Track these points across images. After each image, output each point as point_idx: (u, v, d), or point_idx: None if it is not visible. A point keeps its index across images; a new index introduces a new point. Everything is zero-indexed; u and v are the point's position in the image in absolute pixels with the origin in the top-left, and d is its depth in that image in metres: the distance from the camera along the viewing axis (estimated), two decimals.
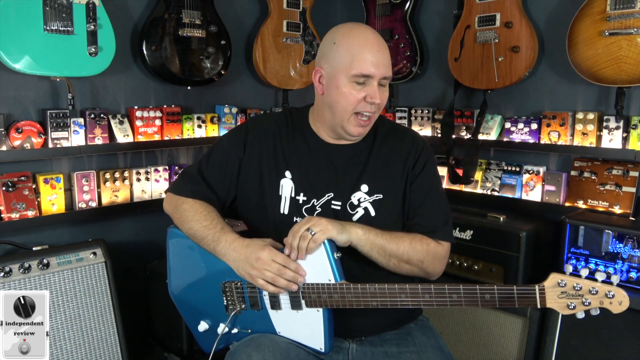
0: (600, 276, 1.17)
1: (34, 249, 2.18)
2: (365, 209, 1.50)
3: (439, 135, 2.78)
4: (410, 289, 1.34)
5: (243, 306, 1.50)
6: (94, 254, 2.22)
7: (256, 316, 1.49)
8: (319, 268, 1.38)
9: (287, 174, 1.54)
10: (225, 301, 1.52)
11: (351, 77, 1.44)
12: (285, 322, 1.46)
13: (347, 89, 1.45)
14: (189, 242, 1.56)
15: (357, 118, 1.47)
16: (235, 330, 1.53)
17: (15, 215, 2.17)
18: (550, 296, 1.21)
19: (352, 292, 1.36)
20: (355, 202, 1.50)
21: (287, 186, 1.53)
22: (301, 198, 1.51)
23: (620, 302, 1.16)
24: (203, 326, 1.58)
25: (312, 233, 1.35)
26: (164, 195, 2.59)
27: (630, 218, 2.16)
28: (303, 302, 1.41)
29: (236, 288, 1.49)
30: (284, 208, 1.52)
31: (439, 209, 1.56)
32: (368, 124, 1.49)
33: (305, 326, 1.43)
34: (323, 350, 1.42)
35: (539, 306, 1.22)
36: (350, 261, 1.44)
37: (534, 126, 2.51)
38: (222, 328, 1.53)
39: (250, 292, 1.48)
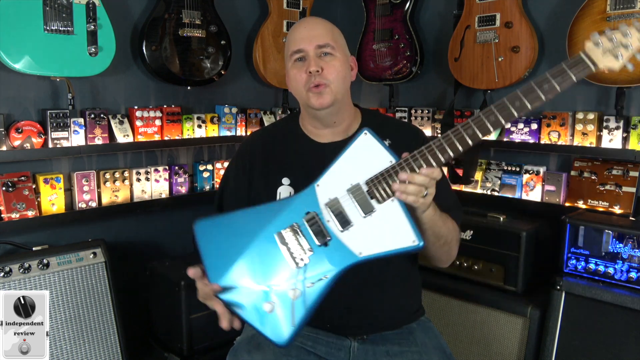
0: (623, 27, 1.22)
1: (34, 249, 2.18)
2: None
3: (439, 135, 2.78)
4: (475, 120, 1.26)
5: (308, 249, 1.30)
6: (94, 254, 2.22)
7: (327, 253, 1.30)
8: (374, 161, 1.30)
9: (285, 181, 1.54)
10: (286, 254, 1.31)
11: (290, 59, 1.52)
12: (362, 237, 1.28)
13: (292, 72, 1.53)
14: (220, 223, 1.40)
15: (311, 90, 1.49)
16: (309, 285, 1.29)
17: (15, 215, 2.17)
18: (596, 56, 1.22)
19: (416, 156, 1.27)
20: None
21: (285, 193, 1.53)
22: None
23: None
24: (269, 306, 1.29)
25: (426, 194, 1.27)
26: (163, 195, 2.64)
27: (630, 218, 2.16)
28: (374, 201, 1.28)
29: (294, 230, 1.32)
30: None
31: (449, 194, 1.60)
32: (320, 90, 1.48)
33: (386, 227, 1.27)
34: (418, 244, 1.25)
35: (593, 68, 1.22)
36: None
37: (534, 126, 2.51)
38: (294, 292, 1.29)
39: (310, 225, 1.31)
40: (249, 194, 1.59)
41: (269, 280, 1.31)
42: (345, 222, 1.29)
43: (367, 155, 1.30)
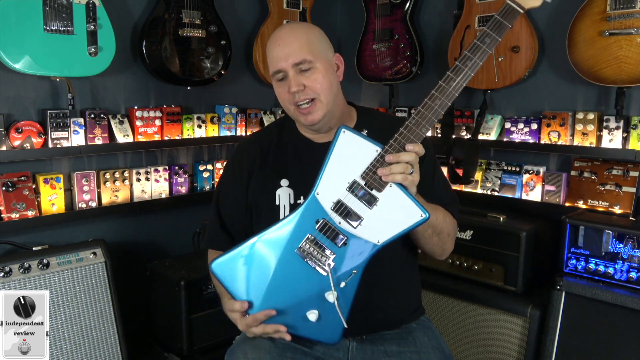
0: None
1: (34, 249, 2.18)
2: None
3: (439, 135, 2.78)
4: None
5: (331, 254, 1.36)
6: (94, 254, 2.22)
7: (349, 251, 1.36)
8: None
9: (283, 182, 1.54)
10: (312, 265, 1.37)
11: (273, 78, 1.53)
12: (376, 227, 1.34)
13: (278, 89, 1.53)
14: (235, 258, 1.42)
15: (299, 109, 1.50)
16: (343, 284, 1.36)
17: (15, 215, 2.17)
18: None
19: (398, 139, 1.32)
20: None
21: (284, 195, 1.54)
22: (302, 201, 1.52)
23: None
24: (313, 315, 1.38)
25: (411, 171, 1.32)
26: (163, 195, 2.64)
27: (630, 218, 2.16)
28: (374, 192, 1.33)
29: (312, 242, 1.37)
30: (284, 216, 1.52)
31: (446, 190, 1.61)
32: (310, 111, 1.49)
33: (393, 211, 1.33)
34: (425, 216, 1.32)
35: (521, 11, 1.32)
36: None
37: (534, 126, 2.51)
38: (331, 295, 1.36)
39: (325, 232, 1.36)
40: (247, 200, 1.59)
41: (305, 293, 1.38)
42: (355, 219, 1.35)
43: (353, 151, 1.36)
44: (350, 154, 1.35)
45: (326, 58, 1.52)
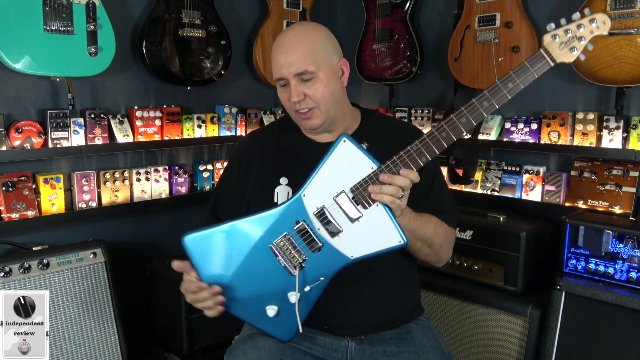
0: (575, 16, 1.31)
1: (34, 249, 2.18)
2: None
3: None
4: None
5: (303, 256, 1.37)
6: (94, 254, 2.22)
7: (321, 258, 1.37)
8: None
9: (282, 180, 1.55)
10: (283, 263, 1.37)
11: (276, 82, 1.53)
12: (353, 241, 1.35)
13: (280, 94, 1.53)
14: (210, 237, 1.41)
15: (299, 114, 1.51)
16: (307, 288, 1.37)
17: (15, 215, 2.17)
18: (554, 51, 1.29)
19: (396, 161, 1.31)
20: None
21: (282, 193, 1.54)
22: None
23: (604, 22, 1.28)
24: (272, 310, 1.39)
25: (401, 195, 1.31)
26: (163, 195, 2.64)
27: (630, 218, 2.16)
28: (359, 207, 1.33)
29: (287, 240, 1.37)
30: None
31: (445, 196, 1.60)
32: (309, 117, 1.50)
33: (373, 230, 1.34)
34: (403, 242, 1.33)
35: (552, 64, 1.29)
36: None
37: (534, 126, 2.51)
38: (294, 296, 1.37)
39: (302, 235, 1.37)
40: (244, 195, 1.59)
41: (269, 288, 1.39)
42: (334, 230, 1.35)
43: (349, 162, 1.34)
44: (346, 165, 1.34)
45: (330, 66, 1.50)
